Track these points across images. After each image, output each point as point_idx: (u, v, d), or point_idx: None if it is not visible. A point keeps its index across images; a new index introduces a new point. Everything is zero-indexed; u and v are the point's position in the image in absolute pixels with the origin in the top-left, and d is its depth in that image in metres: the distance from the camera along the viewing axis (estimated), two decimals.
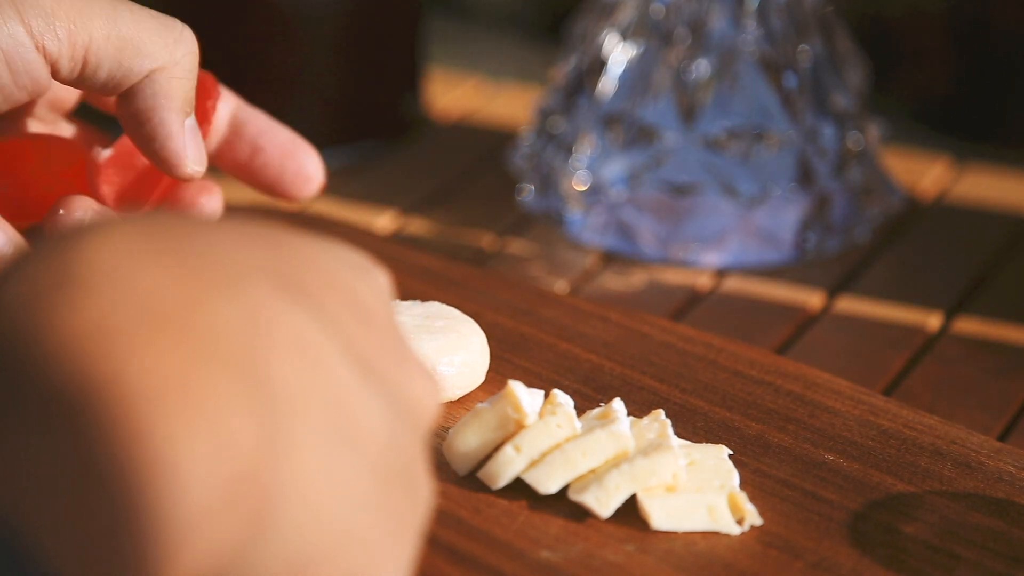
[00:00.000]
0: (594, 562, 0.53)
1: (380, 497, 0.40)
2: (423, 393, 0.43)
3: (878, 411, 0.62)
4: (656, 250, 0.81)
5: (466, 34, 1.29)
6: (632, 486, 0.55)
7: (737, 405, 0.62)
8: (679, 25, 0.81)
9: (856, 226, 0.83)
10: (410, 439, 0.41)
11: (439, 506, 0.55)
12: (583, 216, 0.82)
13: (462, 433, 0.57)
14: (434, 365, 0.61)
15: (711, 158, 0.80)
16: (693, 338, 0.67)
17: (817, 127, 0.81)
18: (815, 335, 0.75)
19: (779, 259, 0.81)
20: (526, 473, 0.56)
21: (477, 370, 0.62)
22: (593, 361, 0.65)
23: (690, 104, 0.80)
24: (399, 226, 0.85)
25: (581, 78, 0.83)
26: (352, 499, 0.39)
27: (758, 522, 0.55)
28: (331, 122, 0.91)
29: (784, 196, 0.80)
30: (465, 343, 0.62)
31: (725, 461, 0.57)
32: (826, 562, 0.53)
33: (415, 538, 0.41)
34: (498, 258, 0.82)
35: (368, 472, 0.40)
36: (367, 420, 0.40)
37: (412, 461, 0.41)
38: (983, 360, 0.73)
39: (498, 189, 0.88)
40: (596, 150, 0.81)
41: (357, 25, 0.90)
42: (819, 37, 0.82)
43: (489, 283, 0.71)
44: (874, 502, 0.56)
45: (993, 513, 0.56)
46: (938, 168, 0.91)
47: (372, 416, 0.40)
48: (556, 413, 0.56)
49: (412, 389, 0.42)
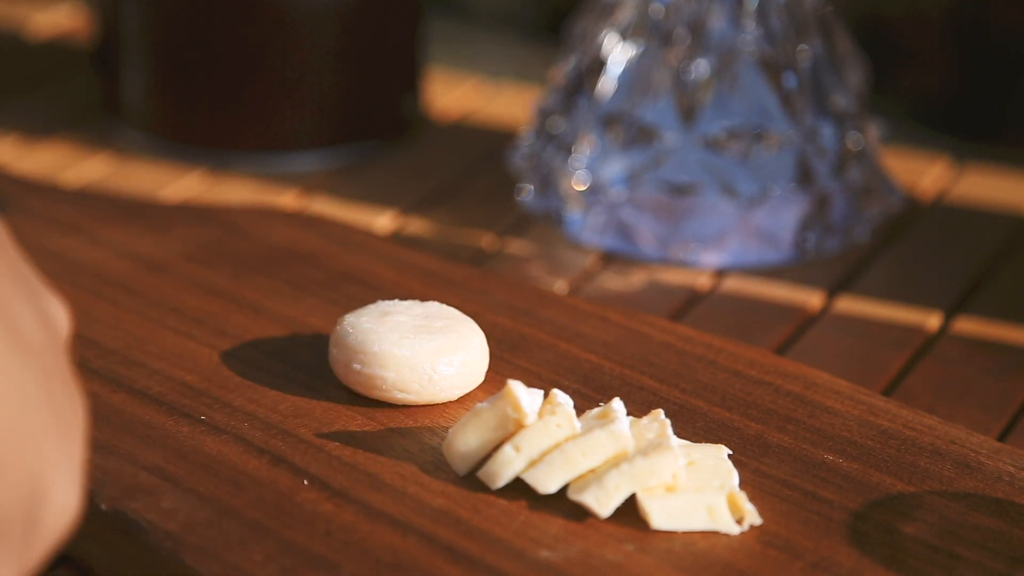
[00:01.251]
0: (594, 562, 0.53)
1: (47, 396, 0.40)
2: (59, 310, 0.44)
3: (878, 411, 0.62)
4: (656, 250, 0.81)
5: (465, 34, 1.29)
6: (632, 486, 0.55)
7: (737, 405, 0.62)
8: (679, 25, 0.81)
9: (856, 226, 0.83)
10: (61, 347, 0.43)
11: (439, 505, 0.55)
12: (583, 216, 0.82)
13: (462, 433, 0.57)
14: (434, 365, 0.61)
15: (711, 158, 0.80)
16: (693, 338, 0.67)
17: (817, 127, 0.81)
18: (815, 335, 0.75)
19: (779, 259, 0.81)
20: (526, 473, 0.56)
21: (476, 370, 0.62)
22: (592, 361, 0.65)
23: (690, 104, 0.80)
24: (398, 226, 0.85)
25: (581, 78, 0.83)
26: (24, 397, 0.39)
27: (758, 522, 0.55)
28: (330, 122, 0.91)
29: (784, 196, 0.80)
30: (465, 343, 0.62)
31: (725, 461, 0.57)
32: (825, 562, 0.53)
33: (83, 441, 0.42)
34: (498, 258, 0.82)
35: (34, 371, 0.40)
36: (27, 323, 0.41)
37: (66, 366, 0.43)
38: (983, 360, 0.73)
39: (498, 189, 0.88)
40: (596, 150, 0.81)
41: (357, 25, 0.90)
42: (819, 37, 0.82)
43: (488, 283, 0.71)
44: (874, 502, 0.56)
45: (993, 513, 0.56)
46: (938, 168, 0.91)
47: (30, 320, 0.41)
48: (556, 413, 0.56)
49: (50, 302, 0.44)
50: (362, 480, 0.57)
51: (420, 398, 0.61)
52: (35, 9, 1.11)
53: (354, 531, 0.54)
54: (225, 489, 0.56)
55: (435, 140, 0.94)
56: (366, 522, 0.55)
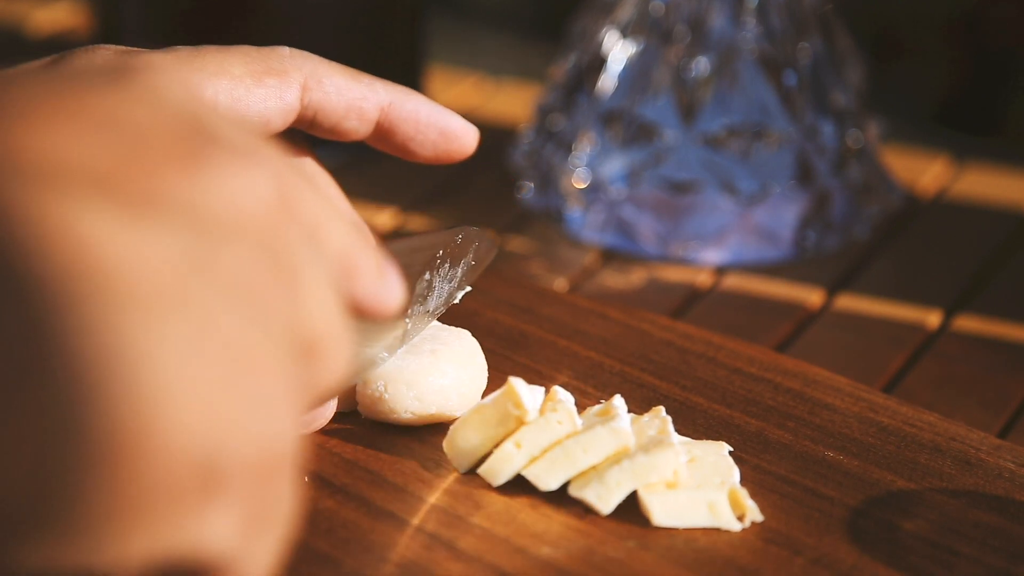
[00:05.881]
0: (595, 558, 0.53)
1: None
2: None
3: (878, 408, 0.62)
4: (656, 248, 0.81)
5: (466, 31, 1.29)
6: (633, 483, 0.55)
7: (737, 402, 0.62)
8: (679, 23, 0.81)
9: (856, 224, 0.83)
10: None
11: (440, 502, 0.55)
12: (583, 214, 0.82)
13: (463, 430, 0.57)
14: (431, 381, 0.59)
15: (711, 156, 0.80)
16: (693, 336, 0.67)
17: (817, 125, 0.81)
18: (815, 333, 0.75)
19: (779, 257, 0.81)
20: (527, 470, 0.56)
21: (475, 388, 0.61)
22: (593, 358, 0.65)
23: (690, 102, 0.80)
24: (399, 223, 0.85)
25: (581, 76, 0.83)
26: None
27: (759, 518, 0.55)
28: None
29: (784, 194, 0.80)
30: (469, 359, 0.61)
31: (725, 458, 0.57)
32: (826, 558, 0.53)
33: None
34: (498, 256, 0.82)
35: None
36: None
37: None
38: (983, 357, 0.73)
39: (498, 187, 0.88)
40: (596, 148, 0.81)
41: (357, 22, 0.90)
42: (819, 35, 0.82)
43: (488, 281, 0.71)
44: (874, 499, 0.56)
45: (993, 510, 0.56)
46: (937, 166, 0.91)
47: None
48: (557, 410, 0.56)
49: None
50: (363, 477, 0.57)
51: (421, 420, 0.60)
52: (35, 6, 1.11)
53: (355, 528, 0.54)
54: None
55: None
56: (367, 519, 0.55)
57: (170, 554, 0.37)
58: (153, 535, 0.36)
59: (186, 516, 0.36)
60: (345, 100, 0.61)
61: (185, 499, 0.36)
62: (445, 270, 0.61)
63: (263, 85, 0.58)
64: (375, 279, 0.44)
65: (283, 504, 0.39)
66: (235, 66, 0.58)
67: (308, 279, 0.40)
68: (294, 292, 0.39)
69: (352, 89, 0.61)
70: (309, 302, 0.39)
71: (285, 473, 0.39)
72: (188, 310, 0.36)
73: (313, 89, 0.60)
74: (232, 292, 0.37)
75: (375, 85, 0.62)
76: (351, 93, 0.61)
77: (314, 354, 0.40)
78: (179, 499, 0.36)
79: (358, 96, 0.61)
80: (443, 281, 0.61)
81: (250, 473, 0.37)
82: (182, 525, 0.36)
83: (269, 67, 0.59)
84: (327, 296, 0.40)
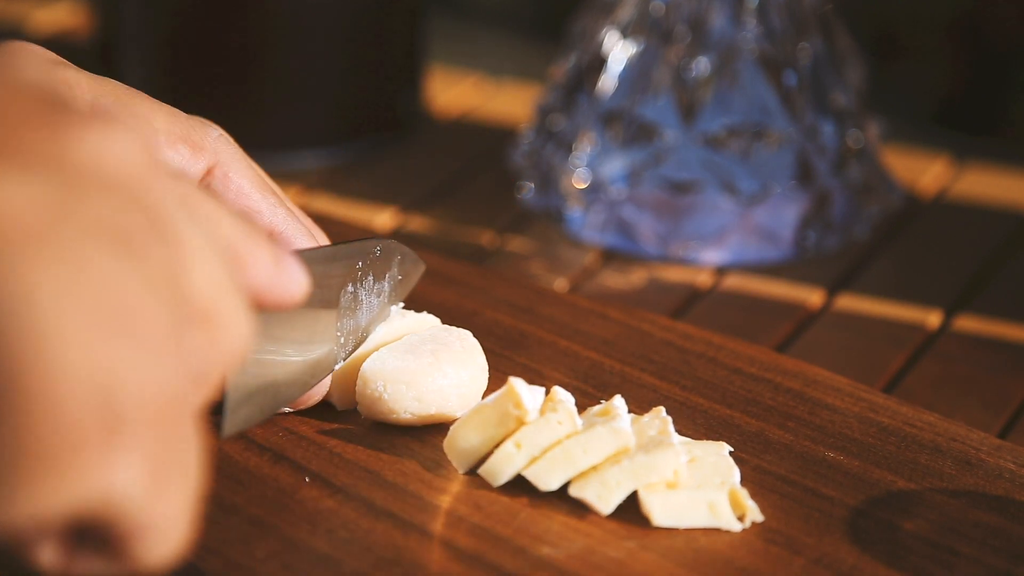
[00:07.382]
0: (595, 558, 0.53)
1: None
2: None
3: (878, 408, 0.62)
4: (656, 248, 0.81)
5: (466, 31, 1.29)
6: (633, 483, 0.55)
7: (737, 402, 0.62)
8: (679, 23, 0.81)
9: (856, 224, 0.83)
10: None
11: (440, 503, 0.55)
12: (583, 214, 0.82)
13: (463, 430, 0.57)
14: (431, 381, 0.59)
15: (711, 156, 0.80)
16: (693, 336, 0.67)
17: (817, 125, 0.81)
18: (815, 333, 0.75)
19: (779, 257, 0.81)
20: (527, 470, 0.56)
21: (476, 388, 0.61)
22: (593, 358, 0.65)
23: (690, 102, 0.80)
24: (399, 223, 0.85)
25: (581, 76, 0.83)
26: None
27: (759, 518, 0.55)
28: (331, 119, 0.91)
29: (784, 194, 0.80)
30: (469, 360, 0.61)
31: (726, 458, 0.57)
32: (827, 558, 0.53)
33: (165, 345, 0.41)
34: (498, 256, 0.82)
35: None
36: None
37: None
38: (983, 357, 0.73)
39: (498, 187, 0.88)
40: (596, 148, 0.81)
41: (357, 23, 0.90)
42: (819, 35, 0.82)
43: (489, 281, 0.71)
44: (874, 499, 0.56)
45: (993, 510, 0.56)
46: (938, 166, 0.91)
47: None
48: (557, 410, 0.56)
49: None
50: (363, 477, 0.57)
51: (421, 420, 0.60)
52: (35, 6, 1.11)
53: (355, 528, 0.54)
54: (227, 486, 0.56)
55: (435, 138, 0.95)
56: (367, 519, 0.55)
57: (81, 506, 0.37)
58: (62, 485, 0.37)
59: (92, 461, 0.37)
60: (239, 205, 0.59)
61: (88, 442, 0.37)
62: (370, 283, 0.61)
63: (174, 149, 0.57)
64: (271, 268, 0.45)
65: (187, 453, 0.40)
66: (158, 120, 0.57)
67: (193, 248, 0.40)
68: (176, 252, 0.40)
69: (251, 198, 0.59)
70: (195, 271, 0.40)
71: (184, 418, 0.39)
72: (59, 252, 0.37)
73: (217, 178, 0.59)
74: (103, 237, 0.38)
75: (277, 208, 0.60)
76: (248, 201, 0.59)
77: (207, 323, 0.40)
78: (82, 443, 0.37)
79: (253, 208, 0.59)
80: (370, 295, 0.61)
81: (147, 414, 0.38)
82: (89, 472, 0.37)
83: (188, 136, 0.58)
84: (215, 270, 0.41)
